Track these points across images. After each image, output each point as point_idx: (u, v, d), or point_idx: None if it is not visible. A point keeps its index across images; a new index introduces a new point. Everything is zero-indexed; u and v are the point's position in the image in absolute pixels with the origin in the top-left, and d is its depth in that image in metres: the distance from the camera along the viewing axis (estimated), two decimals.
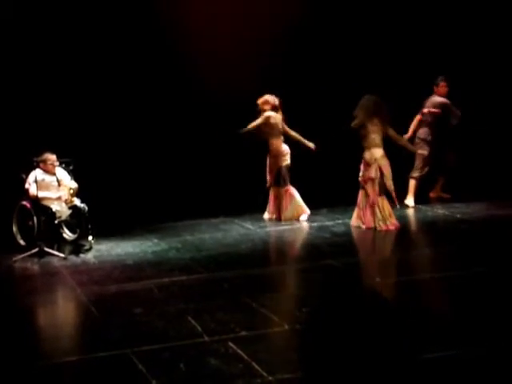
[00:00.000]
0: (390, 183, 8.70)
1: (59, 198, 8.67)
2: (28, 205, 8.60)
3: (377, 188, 8.64)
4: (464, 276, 6.91)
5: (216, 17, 10.70)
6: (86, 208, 8.59)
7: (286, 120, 9.70)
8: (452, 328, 5.45)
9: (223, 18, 10.73)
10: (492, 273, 6.98)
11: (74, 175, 8.85)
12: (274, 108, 9.63)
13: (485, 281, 6.84)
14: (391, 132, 8.90)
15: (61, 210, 8.66)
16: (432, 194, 10.63)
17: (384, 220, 8.55)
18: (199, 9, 10.59)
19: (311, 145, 9.66)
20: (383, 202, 8.65)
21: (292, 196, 9.54)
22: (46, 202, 8.61)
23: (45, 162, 8.65)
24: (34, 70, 9.92)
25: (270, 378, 4.69)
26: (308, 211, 9.50)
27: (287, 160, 9.61)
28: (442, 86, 10.29)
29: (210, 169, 10.69)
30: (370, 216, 8.61)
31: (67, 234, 8.94)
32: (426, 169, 10.23)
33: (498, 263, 7.24)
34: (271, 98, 9.63)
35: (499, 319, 5.60)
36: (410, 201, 10.10)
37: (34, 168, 8.50)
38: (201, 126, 10.69)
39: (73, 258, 8.31)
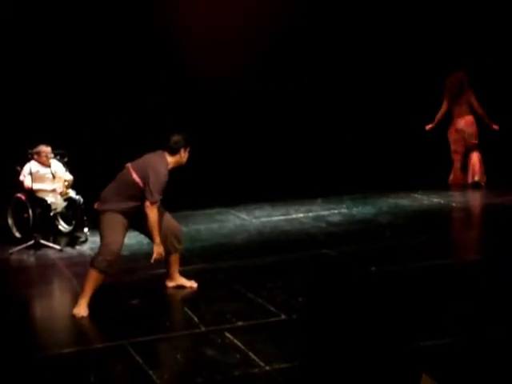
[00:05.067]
0: None
1: (54, 190, 8.66)
2: (23, 197, 8.60)
3: None
4: (460, 264, 6.94)
5: (216, 16, 10.72)
6: (82, 200, 8.59)
7: None
8: (448, 316, 5.47)
9: (224, 18, 10.74)
10: (487, 261, 7.00)
11: (69, 167, 8.85)
12: None
13: (480, 269, 6.86)
14: None
15: (56, 202, 8.66)
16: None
17: None
18: (200, 8, 10.60)
19: None
20: None
21: None
22: (41, 194, 8.60)
23: (39, 153, 8.64)
24: (29, 63, 9.90)
25: (267, 367, 4.70)
26: None
27: None
28: None
29: (205, 159, 10.69)
30: None
31: (63, 226, 8.94)
32: None
33: (493, 251, 7.26)
34: None
35: (494, 307, 5.62)
36: None
37: (29, 160, 8.50)
38: (196, 118, 10.68)
39: (69, 249, 8.32)
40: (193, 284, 6.58)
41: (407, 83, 11.32)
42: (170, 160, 6.26)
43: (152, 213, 6.05)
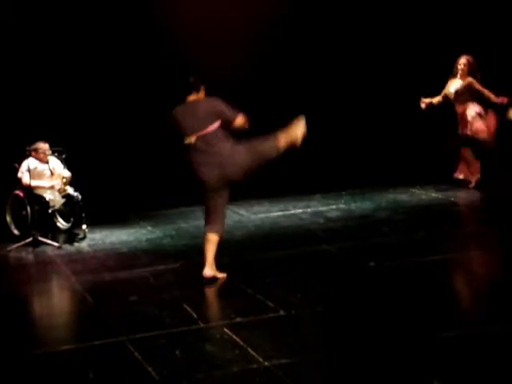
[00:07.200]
0: None
1: (52, 187, 8.65)
2: (21, 194, 8.59)
3: None
4: (458, 259, 6.93)
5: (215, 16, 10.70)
6: (80, 197, 8.59)
7: None
8: (446, 310, 5.47)
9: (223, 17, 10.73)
10: (486, 256, 7.01)
11: (67, 164, 8.84)
12: None
13: (478, 264, 6.87)
14: None
15: (54, 198, 8.65)
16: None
17: None
18: (200, 8, 10.58)
19: None
20: None
21: None
22: (39, 191, 8.59)
23: (37, 150, 8.63)
24: (28, 61, 9.88)
25: (266, 363, 4.70)
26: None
27: None
28: None
29: None
30: None
31: (61, 223, 8.93)
32: None
33: (492, 246, 7.27)
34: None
35: (493, 301, 5.62)
36: None
37: (27, 157, 8.49)
38: None
39: (67, 246, 8.31)
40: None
41: (406, 79, 11.29)
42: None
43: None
